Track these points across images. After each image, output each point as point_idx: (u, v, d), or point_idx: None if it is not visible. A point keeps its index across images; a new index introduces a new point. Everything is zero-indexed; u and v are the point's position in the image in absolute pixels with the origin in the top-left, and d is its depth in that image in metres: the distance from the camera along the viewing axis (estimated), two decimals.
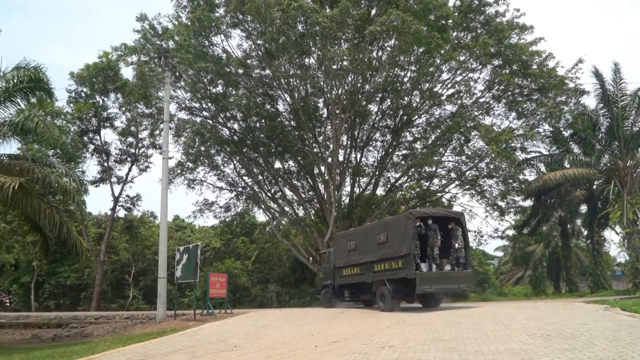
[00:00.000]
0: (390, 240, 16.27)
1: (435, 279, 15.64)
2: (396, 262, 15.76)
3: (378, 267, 16.72)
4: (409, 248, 15.29)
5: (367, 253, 17.45)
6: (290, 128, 30.74)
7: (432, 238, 16.24)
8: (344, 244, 19.07)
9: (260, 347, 9.67)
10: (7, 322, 20.04)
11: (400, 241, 15.74)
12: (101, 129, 35.14)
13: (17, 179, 14.31)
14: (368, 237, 17.79)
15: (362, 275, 17.78)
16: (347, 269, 18.84)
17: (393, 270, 15.90)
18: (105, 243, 35.00)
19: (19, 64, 16.35)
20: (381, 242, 16.70)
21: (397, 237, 15.99)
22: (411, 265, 15.13)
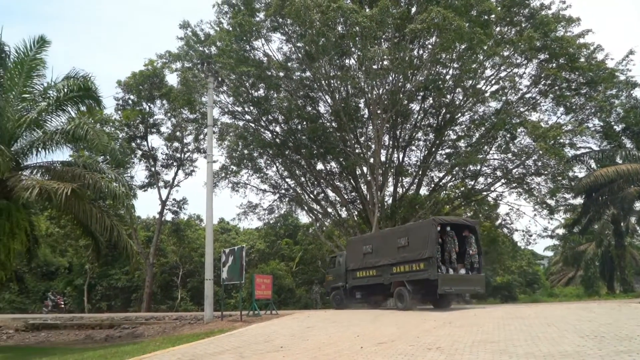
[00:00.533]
0: (412, 244, 17.38)
1: (454, 280, 16.94)
2: (417, 265, 16.90)
3: (397, 269, 17.83)
4: (432, 251, 16.39)
5: (385, 256, 18.49)
6: (332, 129, 30.77)
7: (449, 244, 17.39)
8: (359, 247, 20.12)
9: (306, 347, 9.71)
10: (62, 323, 20.76)
11: (422, 245, 16.84)
12: (148, 134, 36.16)
13: (69, 185, 14.85)
14: (386, 241, 18.89)
15: (379, 277, 18.81)
16: (361, 272, 19.82)
17: (414, 272, 17.04)
18: (154, 246, 35.95)
19: (68, 73, 17.03)
20: (401, 245, 17.78)
21: (419, 241, 17.10)
22: (434, 267, 16.23)
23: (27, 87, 16.70)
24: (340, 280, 21.13)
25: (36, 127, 16.63)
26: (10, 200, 15.12)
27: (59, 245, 39.90)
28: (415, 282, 17.10)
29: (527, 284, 47.07)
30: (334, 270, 22.21)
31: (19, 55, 16.31)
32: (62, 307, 30.38)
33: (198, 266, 41.59)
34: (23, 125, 16.03)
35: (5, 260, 14.90)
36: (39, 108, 16.55)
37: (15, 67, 16.28)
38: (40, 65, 16.67)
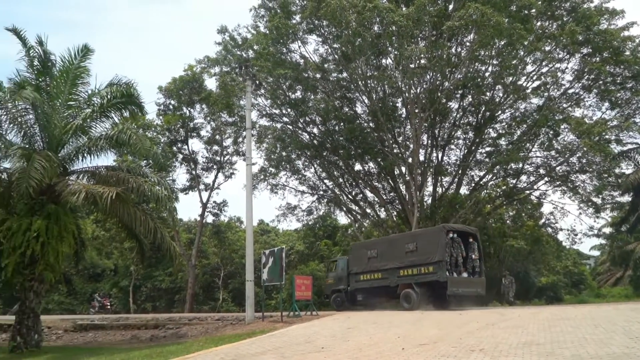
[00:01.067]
0: (421, 249, 18.75)
1: (461, 283, 18.41)
2: (426, 268, 18.26)
3: (404, 272, 19.16)
4: (442, 255, 17.79)
5: (392, 260, 19.69)
6: (369, 130, 30.65)
7: (456, 249, 18.69)
8: (363, 252, 21.18)
9: (347, 348, 9.68)
10: (109, 324, 21.32)
11: (432, 249, 18.24)
12: (188, 138, 36.79)
13: (114, 189, 15.23)
14: (393, 246, 20.22)
15: (385, 279, 19.94)
16: (365, 275, 20.94)
17: (423, 274, 18.39)
18: (196, 247, 36.58)
19: (111, 80, 17.47)
20: (410, 250, 19.13)
21: (428, 246, 18.50)
22: (443, 270, 17.64)
23: (72, 94, 17.21)
24: (342, 283, 22.23)
25: (82, 133, 17.10)
26: (59, 204, 15.65)
27: (105, 248, 41.09)
28: (422, 284, 18.44)
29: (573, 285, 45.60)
30: (334, 274, 23.20)
31: (64, 64, 16.85)
32: (108, 308, 31.28)
33: (239, 267, 42.10)
34: (69, 132, 16.53)
35: (54, 263, 15.39)
36: (84, 115, 17.01)
37: (61, 76, 16.82)
38: (84, 74, 17.17)
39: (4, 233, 15.05)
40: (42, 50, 16.35)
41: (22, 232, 14.67)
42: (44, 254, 14.84)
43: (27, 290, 15.50)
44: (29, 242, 14.57)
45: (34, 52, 16.38)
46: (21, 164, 14.14)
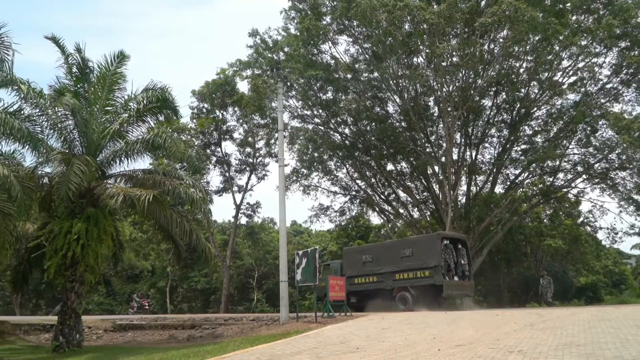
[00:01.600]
0: (416, 255, 20.05)
1: (455, 286, 19.90)
2: (422, 272, 19.61)
3: (400, 276, 20.31)
4: (437, 260, 19.23)
5: (388, 264, 20.75)
6: (401, 129, 30.45)
7: (448, 255, 20.05)
8: (357, 257, 22.08)
9: (382, 349, 9.62)
10: (147, 324, 21.71)
11: (428, 255, 19.66)
12: (222, 141, 37.34)
13: (151, 192, 15.52)
14: (389, 252, 21.35)
15: (380, 282, 20.94)
16: (359, 278, 21.89)
17: (419, 278, 19.70)
18: (230, 249, 37.03)
19: (147, 86, 17.80)
20: (405, 255, 20.36)
21: (424, 252, 19.88)
22: (439, 274, 19.04)
23: (109, 100, 17.59)
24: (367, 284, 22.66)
25: (119, 137, 17.48)
26: (97, 207, 16.03)
27: (142, 250, 42.04)
28: (418, 287, 19.76)
29: (614, 285, 44.35)
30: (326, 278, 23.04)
31: (102, 71, 17.23)
32: (146, 309, 31.93)
33: (272, 268, 42.43)
34: (107, 137, 16.92)
35: (94, 265, 15.79)
36: (121, 119, 17.39)
37: (98, 82, 17.22)
38: (120, 79, 17.52)
39: (46, 236, 15.53)
40: (80, 58, 16.78)
41: (63, 235, 15.09)
42: (84, 255, 15.23)
43: (68, 291, 15.92)
44: (70, 245, 14.98)
45: (72, 60, 16.82)
46: (61, 169, 14.53)
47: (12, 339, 19.73)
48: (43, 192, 16.34)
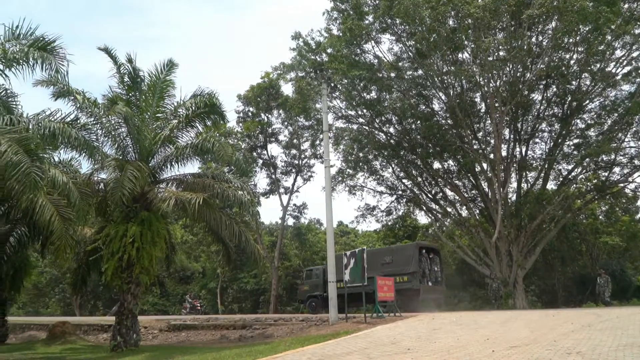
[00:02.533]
0: (396, 262, 22.27)
1: (429, 290, 22.20)
2: (402, 277, 21.53)
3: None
4: (415, 267, 21.49)
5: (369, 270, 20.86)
6: (447, 126, 29.97)
7: (424, 262, 22.58)
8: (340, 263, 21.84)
9: (433, 350, 9.51)
10: (200, 324, 22.22)
11: (407, 262, 21.93)
12: (267, 144, 37.84)
13: (201, 195, 15.91)
14: (371, 258, 21.61)
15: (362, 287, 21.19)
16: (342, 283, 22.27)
17: (398, 283, 20.83)
18: (278, 250, 37.43)
19: (195, 92, 18.29)
20: (386, 262, 22.56)
21: (403, 259, 22.18)
22: (417, 280, 21.31)
23: (159, 107, 18.15)
24: (317, 290, 24.97)
25: (169, 143, 18.00)
26: (151, 211, 16.55)
27: (193, 252, 43.06)
28: (397, 290, 20.53)
29: None
30: (310, 282, 25.98)
31: (151, 79, 17.81)
32: (198, 309, 32.66)
33: None
34: (158, 143, 17.46)
35: (148, 267, 16.30)
36: (171, 125, 17.90)
37: (149, 90, 17.80)
38: (170, 87, 18.06)
39: (103, 239, 16.16)
40: (132, 67, 17.37)
41: (119, 238, 15.66)
42: (139, 258, 15.74)
43: (125, 292, 16.50)
44: (126, 247, 15.53)
45: (124, 69, 17.43)
46: (115, 174, 15.09)
47: (72, 339, 20.59)
48: (99, 197, 17.00)
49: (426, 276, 22.35)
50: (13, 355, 16.77)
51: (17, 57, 13.09)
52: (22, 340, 23.20)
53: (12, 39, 13.48)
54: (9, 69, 13.32)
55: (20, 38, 13.57)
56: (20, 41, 13.58)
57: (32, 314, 44.85)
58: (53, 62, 13.56)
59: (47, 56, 13.39)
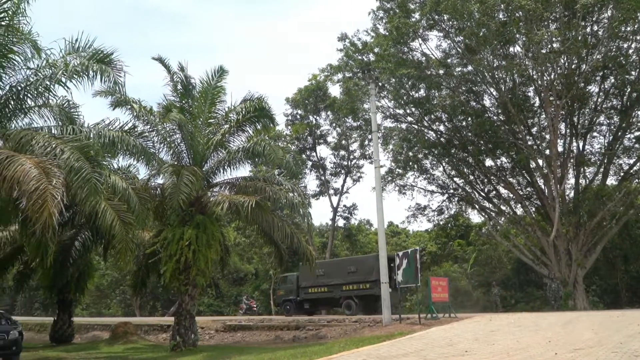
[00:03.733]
0: (360, 270, 24.36)
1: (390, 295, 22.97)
2: (364, 285, 23.84)
3: (346, 287, 24.60)
4: (377, 276, 21.55)
5: (337, 278, 24.97)
6: (500, 123, 29.23)
7: None
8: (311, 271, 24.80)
9: (492, 352, 9.30)
10: (254, 325, 22.57)
11: (369, 272, 23.65)
12: (316, 145, 38.04)
13: (253, 198, 16.19)
14: (338, 268, 25.83)
15: (330, 292, 25.37)
16: (313, 288, 25.99)
17: (362, 289, 24.01)
18: (329, 251, 37.55)
19: (244, 96, 18.66)
20: (351, 271, 24.70)
21: (366, 269, 24.06)
22: (377, 287, 21.05)
23: (211, 113, 18.60)
24: (292, 294, 27.03)
25: (221, 148, 18.42)
26: (205, 214, 16.99)
27: (246, 254, 43.75)
28: (360, 296, 24.17)
29: None
30: (285, 287, 28.22)
31: (203, 86, 18.29)
32: (254, 310, 33.15)
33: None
34: (210, 147, 17.91)
35: (204, 269, 16.74)
36: (222, 130, 18.33)
37: (200, 97, 18.27)
38: (220, 93, 18.48)
39: (161, 242, 16.71)
40: (184, 75, 17.90)
41: (176, 241, 16.14)
42: (195, 260, 16.18)
43: (182, 294, 16.99)
44: (182, 250, 16.00)
45: (176, 77, 17.98)
46: (172, 179, 15.56)
47: (134, 339, 21.37)
48: (156, 202, 17.56)
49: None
50: (79, 355, 17.58)
51: (78, 70, 13.70)
52: (86, 340, 24.27)
53: (72, 52, 14.13)
54: (71, 81, 13.97)
55: (79, 51, 14.20)
56: (79, 54, 14.21)
57: (94, 314, 46.77)
58: (111, 74, 14.12)
59: (105, 68, 13.94)
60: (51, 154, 11.57)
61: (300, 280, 26.70)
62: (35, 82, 13.85)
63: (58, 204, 10.31)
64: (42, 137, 12.23)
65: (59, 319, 22.41)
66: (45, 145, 11.80)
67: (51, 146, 11.77)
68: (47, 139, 12.11)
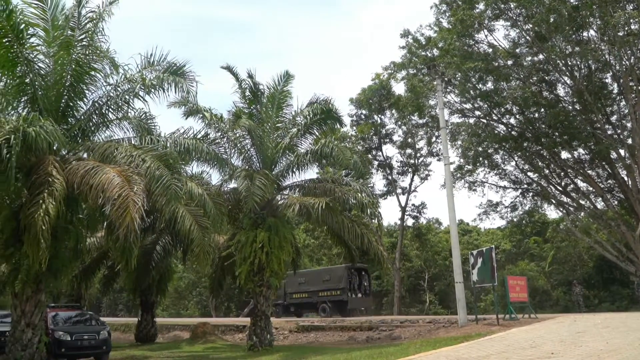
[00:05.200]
0: (332, 279, 27.89)
1: (356, 301, 28.07)
2: (336, 291, 27.44)
3: (322, 294, 28.02)
4: (345, 284, 27.10)
5: (315, 285, 28.58)
6: (575, 112, 27.78)
7: (354, 279, 28.04)
8: (296, 279, 27.77)
9: (580, 354, 8.85)
10: (327, 325, 22.72)
11: (339, 280, 27.51)
12: (382, 145, 37.76)
13: (323, 199, 16.34)
14: (316, 276, 29.29)
15: (310, 298, 28.95)
16: (297, 294, 29.81)
17: (333, 295, 27.58)
18: (399, 251, 37.17)
19: (310, 99, 18.89)
20: (325, 279, 28.28)
21: (337, 278, 27.75)
22: (346, 293, 27.02)
23: (278, 117, 18.94)
24: (280, 299, 29.77)
25: (289, 151, 18.73)
26: (276, 217, 17.32)
27: (315, 255, 44.12)
28: (333, 301, 27.64)
29: None
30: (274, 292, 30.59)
31: (270, 91, 18.65)
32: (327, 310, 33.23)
33: (442, 269, 41.60)
34: (279, 151, 18.25)
35: (278, 270, 17.08)
36: (290, 134, 18.64)
37: (268, 102, 18.64)
38: (287, 97, 18.79)
39: (235, 245, 17.21)
40: (252, 82, 18.33)
41: (249, 244, 16.56)
42: (268, 262, 16.54)
43: (257, 295, 17.39)
44: (256, 252, 16.40)
45: (244, 84, 18.45)
46: (245, 183, 15.96)
47: (212, 339, 22.11)
48: (229, 206, 18.08)
49: (354, 290, 28.00)
50: (163, 354, 18.39)
51: (154, 83, 14.38)
52: (168, 339, 25.35)
53: (148, 67, 14.87)
54: (148, 94, 14.68)
55: (154, 65, 14.92)
56: (154, 67, 14.94)
57: (174, 315, 48.81)
58: (184, 85, 14.72)
59: (179, 80, 14.58)
60: (133, 163, 12.22)
61: (287, 286, 29.41)
62: (115, 96, 14.67)
63: (139, 209, 10.87)
64: (124, 148, 12.95)
65: (142, 320, 23.59)
66: (127, 155, 12.48)
67: (132, 156, 12.43)
68: (129, 149, 12.80)
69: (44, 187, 11.51)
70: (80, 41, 14.27)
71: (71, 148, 14.00)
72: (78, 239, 13.70)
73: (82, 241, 14.22)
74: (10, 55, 13.27)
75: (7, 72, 13.63)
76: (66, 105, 14.33)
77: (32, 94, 13.78)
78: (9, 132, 11.18)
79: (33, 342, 12.77)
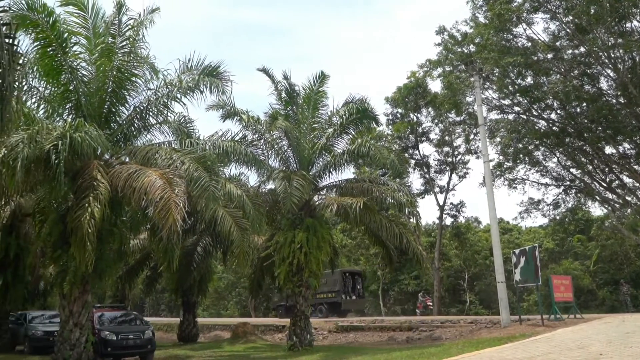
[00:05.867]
0: (328, 283, 28.61)
1: (350, 302, 30.59)
2: (332, 294, 29.91)
3: (319, 296, 28.47)
4: (340, 287, 29.69)
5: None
6: (620, 106, 26.84)
7: (348, 282, 30.73)
8: None
9: (631, 355, 8.57)
10: (366, 325, 22.68)
11: (334, 283, 29.62)
12: (419, 143, 37.37)
13: (361, 199, 16.31)
14: None
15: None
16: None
17: (329, 297, 30.02)
18: (438, 250, 36.71)
19: (346, 99, 18.89)
20: (323, 283, 26.05)
21: (332, 281, 29.19)
22: (340, 296, 29.56)
23: (314, 118, 19.02)
24: (282, 301, 31.80)
25: (326, 151, 18.75)
26: (314, 217, 17.39)
27: (352, 255, 44.05)
28: (329, 303, 30.08)
29: None
30: (277, 294, 33.74)
31: (306, 92, 18.74)
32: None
33: (482, 269, 40.91)
34: (316, 152, 18.31)
35: (316, 270, 17.14)
36: (327, 134, 18.67)
37: (304, 103, 18.73)
38: (323, 98, 18.83)
39: (274, 246, 17.36)
40: (288, 84, 18.46)
41: (288, 245, 16.67)
42: (307, 262, 16.61)
43: (296, 295, 17.49)
44: (294, 253, 16.49)
45: (280, 86, 18.61)
46: (284, 184, 16.08)
47: (253, 338, 22.36)
48: (267, 207, 18.25)
49: (348, 293, 30.60)
50: (205, 353, 18.72)
51: (191, 85, 14.69)
52: (209, 339, 25.77)
53: (186, 71, 15.19)
54: (185, 96, 14.99)
55: (192, 69, 15.22)
56: (192, 72, 15.23)
57: (214, 315, 49.58)
58: (220, 84, 14.98)
59: (213, 80, 14.87)
60: (173, 165, 12.48)
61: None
62: (155, 101, 15.01)
63: (181, 210, 11.10)
64: (164, 151, 13.25)
65: (184, 320, 24.05)
66: (167, 158, 12.77)
67: (172, 159, 12.71)
68: (169, 152, 13.10)
69: (90, 191, 11.89)
70: (121, 48, 14.70)
71: (114, 152, 14.43)
72: (122, 240, 14.09)
73: (125, 243, 14.62)
74: (54, 64, 13.78)
75: (52, 80, 14.15)
76: (109, 110, 14.77)
77: (76, 100, 14.24)
78: (57, 138, 11.60)
79: (80, 342, 13.19)
